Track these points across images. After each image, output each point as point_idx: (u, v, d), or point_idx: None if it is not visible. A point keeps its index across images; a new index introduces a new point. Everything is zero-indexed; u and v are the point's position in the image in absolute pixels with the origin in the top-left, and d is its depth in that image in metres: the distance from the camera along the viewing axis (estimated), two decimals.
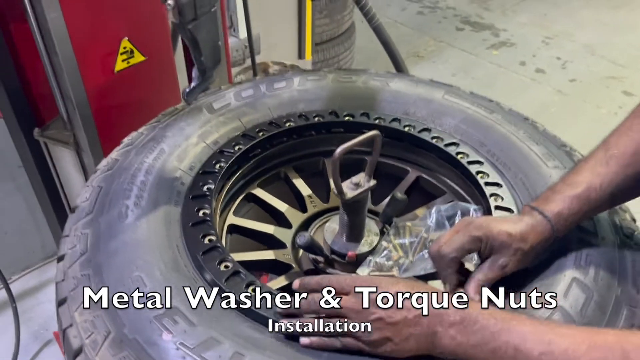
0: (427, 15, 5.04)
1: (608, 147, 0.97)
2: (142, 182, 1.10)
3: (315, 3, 3.17)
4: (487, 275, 0.92)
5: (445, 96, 1.38)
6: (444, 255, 0.94)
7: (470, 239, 0.92)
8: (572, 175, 0.98)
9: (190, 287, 0.92)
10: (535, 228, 0.93)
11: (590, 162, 0.98)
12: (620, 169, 0.95)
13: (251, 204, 1.33)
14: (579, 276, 0.94)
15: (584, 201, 0.94)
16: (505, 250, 0.92)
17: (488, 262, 0.93)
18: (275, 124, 1.30)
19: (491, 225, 0.93)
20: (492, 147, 1.25)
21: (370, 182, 1.09)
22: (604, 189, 0.94)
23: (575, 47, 4.50)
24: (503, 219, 0.98)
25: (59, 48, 1.33)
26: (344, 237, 1.16)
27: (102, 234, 1.01)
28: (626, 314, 0.91)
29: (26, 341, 2.27)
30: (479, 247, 0.93)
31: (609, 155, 0.96)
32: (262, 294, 0.90)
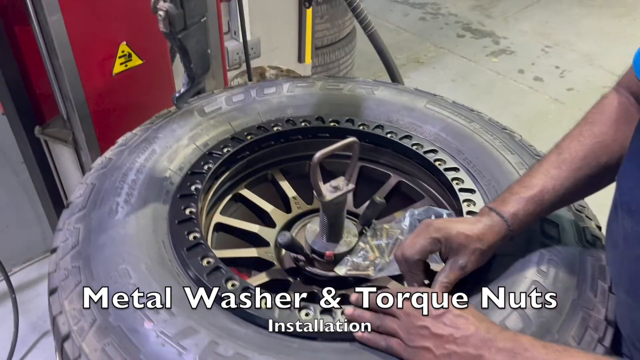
0: (429, 21, 5.10)
1: (560, 151, 1.04)
2: (133, 181, 1.17)
3: (317, 8, 3.23)
4: (449, 277, 0.97)
5: (427, 105, 1.44)
6: (407, 258, 0.99)
7: (430, 241, 0.97)
8: (527, 178, 1.04)
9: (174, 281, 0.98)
10: (492, 228, 0.99)
11: (544, 165, 1.04)
12: (571, 172, 1.02)
13: (238, 204, 1.39)
14: (539, 279, 1.00)
15: (538, 202, 1.01)
16: (463, 250, 0.97)
17: (449, 264, 0.98)
18: (264, 128, 1.36)
19: (449, 227, 0.98)
20: (469, 155, 1.31)
21: (349, 186, 1.15)
22: (556, 190, 1.01)
23: (575, 56, 4.54)
24: (462, 220, 1.04)
25: (59, 51, 1.40)
26: (323, 237, 1.22)
27: (93, 229, 1.07)
28: (582, 316, 0.96)
29: (25, 331, 2.34)
30: (439, 248, 0.99)
31: (561, 159, 1.03)
32: (241, 289, 0.96)
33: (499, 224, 0.99)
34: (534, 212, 1.01)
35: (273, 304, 0.94)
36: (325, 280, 1.22)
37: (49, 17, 1.37)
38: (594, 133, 1.03)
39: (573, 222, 1.14)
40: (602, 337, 0.95)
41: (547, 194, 1.01)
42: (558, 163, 1.03)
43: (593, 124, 1.05)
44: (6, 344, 2.26)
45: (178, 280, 0.99)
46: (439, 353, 0.83)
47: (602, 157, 1.01)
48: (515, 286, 0.99)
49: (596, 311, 0.98)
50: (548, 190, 1.01)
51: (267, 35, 2.89)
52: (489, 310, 0.95)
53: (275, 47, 3.01)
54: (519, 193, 1.02)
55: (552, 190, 1.01)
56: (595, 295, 1.00)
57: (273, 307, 0.94)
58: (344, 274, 1.18)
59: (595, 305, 0.99)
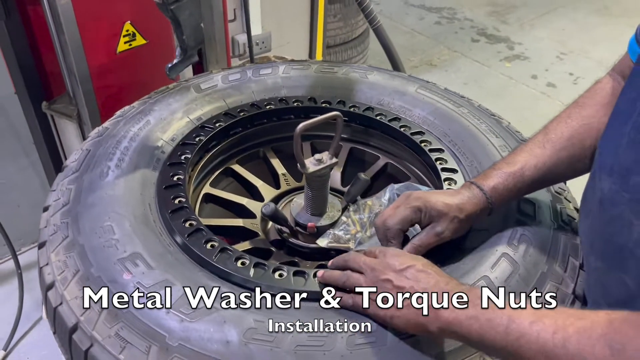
0: (444, 25, 5.12)
1: (547, 132, 1.07)
2: (126, 148, 1.22)
3: (330, 7, 3.27)
4: (423, 240, 1.00)
5: (418, 90, 1.47)
6: (389, 228, 1.02)
7: (410, 210, 1.01)
8: (511, 155, 1.08)
9: (156, 239, 1.03)
10: (471, 200, 1.02)
11: (530, 144, 1.07)
12: (555, 152, 1.04)
13: (230, 179, 1.44)
14: (509, 252, 1.03)
15: (518, 178, 1.03)
16: (442, 218, 1.00)
17: (425, 229, 1.02)
18: (257, 105, 1.41)
19: (429, 196, 1.02)
20: (454, 137, 1.33)
21: (333, 160, 1.19)
22: (538, 168, 1.04)
23: (589, 63, 4.52)
24: (442, 192, 1.07)
25: (66, 27, 1.46)
26: (308, 210, 1.25)
27: (83, 189, 1.12)
28: (549, 289, 0.99)
29: (29, 308, 2.40)
30: (420, 217, 1.02)
31: (547, 139, 1.06)
32: (219, 249, 1.00)
33: (478, 196, 1.02)
34: (514, 187, 1.03)
35: (249, 265, 0.98)
36: (307, 252, 1.25)
37: (58, 1, 1.44)
38: (581, 115, 1.05)
39: (550, 202, 1.16)
40: None
41: (527, 171, 1.03)
42: (543, 142, 1.05)
43: (582, 107, 1.07)
44: (10, 319, 2.33)
45: (160, 240, 1.04)
46: (400, 305, 0.86)
47: (586, 140, 1.03)
48: (485, 258, 1.02)
49: (564, 285, 1.00)
50: (529, 167, 1.03)
51: (279, 30, 2.93)
52: (458, 278, 0.97)
53: (286, 42, 3.06)
54: (501, 168, 1.05)
55: (534, 168, 1.03)
56: (565, 271, 1.03)
57: (248, 267, 0.98)
58: (325, 245, 1.21)
59: (564, 280, 1.01)
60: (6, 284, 2.54)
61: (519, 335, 0.74)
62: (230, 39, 2.04)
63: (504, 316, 0.76)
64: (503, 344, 0.75)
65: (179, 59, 1.25)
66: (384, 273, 0.88)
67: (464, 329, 0.79)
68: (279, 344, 0.86)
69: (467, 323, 0.79)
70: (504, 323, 0.76)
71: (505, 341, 0.75)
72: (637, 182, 0.77)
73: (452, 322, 0.80)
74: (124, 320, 0.89)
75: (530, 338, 0.73)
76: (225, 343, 0.85)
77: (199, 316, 0.89)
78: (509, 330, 0.75)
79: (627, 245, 0.79)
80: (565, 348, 0.69)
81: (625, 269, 0.81)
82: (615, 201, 0.82)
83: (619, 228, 0.81)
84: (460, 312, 0.80)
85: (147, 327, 0.87)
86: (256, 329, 0.87)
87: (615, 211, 0.82)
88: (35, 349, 2.29)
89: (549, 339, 0.71)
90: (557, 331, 0.71)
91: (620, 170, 0.82)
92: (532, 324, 0.73)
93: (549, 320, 0.73)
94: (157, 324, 0.88)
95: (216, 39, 1.82)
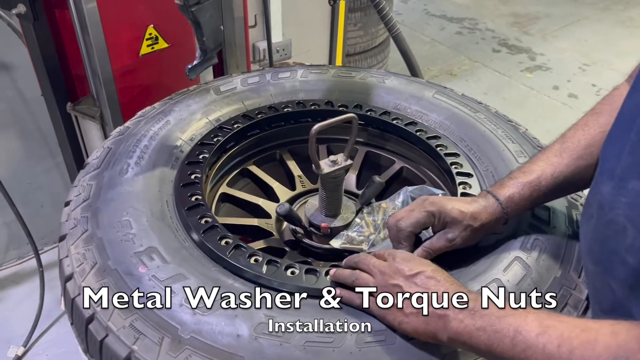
0: (465, 35, 5.12)
1: (564, 140, 1.06)
2: (145, 146, 1.25)
3: (350, 15, 3.30)
4: (434, 244, 1.01)
5: (435, 95, 1.48)
6: (401, 230, 1.02)
7: (425, 215, 1.01)
8: (527, 164, 1.07)
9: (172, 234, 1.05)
10: (486, 209, 1.02)
11: (546, 152, 1.06)
12: (572, 160, 1.03)
13: (246, 179, 1.46)
14: (522, 255, 1.02)
15: (534, 187, 1.03)
16: (456, 225, 1.00)
17: (437, 234, 1.02)
18: (274, 108, 1.43)
19: (445, 202, 1.02)
20: (470, 142, 1.33)
21: (347, 161, 1.20)
22: (554, 177, 1.03)
23: (613, 75, 4.47)
24: (457, 199, 1.07)
25: (91, 30, 1.50)
26: (322, 211, 1.27)
27: (103, 185, 1.15)
28: (561, 294, 0.98)
29: (49, 306, 2.44)
30: (433, 222, 1.02)
31: (564, 147, 1.04)
32: (233, 246, 1.02)
33: (493, 205, 1.02)
34: (530, 197, 1.03)
35: (262, 262, 1.00)
36: (320, 252, 1.26)
37: (84, 4, 1.49)
38: (599, 123, 1.04)
39: (566, 207, 1.15)
40: (581, 315, 0.96)
41: (544, 180, 1.02)
42: (560, 151, 1.04)
43: (600, 114, 1.05)
44: (31, 317, 2.37)
45: (176, 235, 1.06)
46: (408, 311, 0.86)
47: None
48: (497, 261, 1.02)
49: (578, 291, 1.00)
50: (546, 177, 1.02)
51: (299, 38, 2.96)
52: (470, 280, 0.98)
53: (306, 50, 3.09)
54: (517, 178, 1.04)
55: (550, 177, 1.02)
56: (579, 276, 1.02)
57: (261, 264, 0.99)
58: (339, 246, 1.22)
59: (577, 285, 1.00)
60: (28, 282, 2.60)
61: (525, 347, 0.74)
62: (250, 45, 2.07)
63: (511, 327, 0.76)
64: (510, 354, 0.76)
65: (199, 60, 1.28)
66: (393, 278, 0.89)
67: (473, 340, 0.80)
68: (289, 339, 0.87)
69: (475, 334, 0.79)
70: (511, 335, 0.76)
71: (512, 352, 0.75)
72: (635, 186, 0.77)
73: (461, 332, 0.81)
74: (139, 311, 0.91)
75: (537, 350, 0.73)
76: (236, 337, 0.87)
77: (211, 310, 0.90)
78: (516, 342, 0.75)
79: (619, 251, 0.79)
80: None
81: (613, 274, 0.81)
82: (613, 205, 0.81)
83: (614, 232, 0.80)
84: (468, 323, 0.80)
85: (160, 319, 0.89)
86: (266, 324, 0.88)
87: (611, 215, 0.82)
88: (53, 347, 2.33)
89: (554, 351, 0.71)
90: (562, 344, 0.71)
91: (620, 174, 0.82)
92: (538, 335, 0.74)
93: (555, 332, 0.73)
94: (170, 316, 0.89)
95: (236, 43, 1.85)
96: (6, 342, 2.33)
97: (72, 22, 1.57)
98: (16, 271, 2.66)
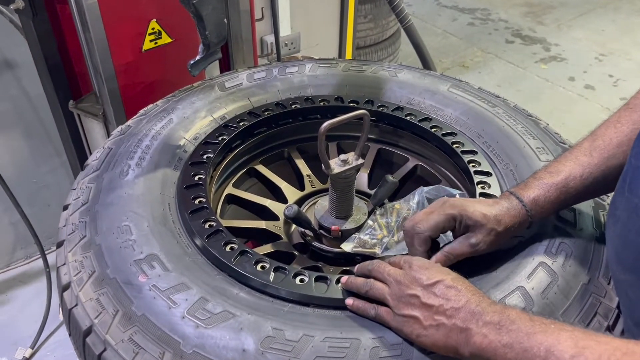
0: (477, 26, 5.01)
1: (595, 138, 0.98)
2: (147, 146, 1.19)
3: (360, 7, 3.22)
4: (456, 250, 0.94)
5: (451, 89, 1.41)
6: (419, 233, 0.95)
7: (445, 218, 0.94)
8: (555, 164, 0.99)
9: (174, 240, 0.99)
10: (510, 211, 0.95)
11: (575, 151, 0.98)
12: (603, 160, 0.95)
13: (253, 180, 1.40)
14: (546, 261, 0.95)
15: (561, 189, 0.95)
16: (479, 229, 0.93)
17: (460, 239, 0.95)
18: (282, 105, 1.36)
19: (466, 204, 0.95)
20: (488, 139, 1.26)
21: (359, 161, 1.13)
22: (584, 179, 0.95)
23: (630, 65, 4.36)
24: (479, 200, 1.00)
25: (92, 25, 1.45)
26: (332, 213, 1.20)
27: (103, 188, 1.10)
28: (591, 302, 0.91)
29: (57, 307, 2.41)
30: (454, 226, 0.95)
31: (594, 146, 0.97)
32: (238, 252, 0.96)
33: (517, 207, 0.95)
34: (557, 199, 0.96)
35: (269, 269, 0.94)
36: (331, 256, 1.20)
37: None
38: (632, 119, 0.96)
39: (592, 208, 1.08)
40: (612, 325, 0.90)
41: (572, 182, 0.95)
42: (590, 150, 0.97)
43: (633, 110, 0.97)
44: (38, 318, 2.35)
45: (178, 241, 1.00)
46: (427, 324, 0.80)
47: None
48: (521, 267, 0.95)
49: (608, 298, 0.93)
50: (574, 178, 0.95)
51: (308, 31, 2.90)
52: (491, 288, 0.91)
53: (315, 44, 3.02)
54: (543, 179, 0.97)
55: (579, 179, 0.95)
56: (608, 283, 0.95)
57: (268, 271, 0.94)
58: (350, 250, 1.16)
59: (607, 293, 0.93)
60: (36, 282, 2.57)
61: None
62: (257, 39, 2.01)
63: (542, 347, 0.69)
64: None
65: (202, 55, 1.22)
66: (410, 288, 0.83)
67: (499, 358, 0.73)
68: (298, 354, 0.81)
69: (501, 351, 0.73)
70: (542, 355, 0.69)
71: None
72: None
73: (485, 348, 0.74)
74: (138, 324, 0.85)
75: None
76: (242, 352, 0.81)
77: (215, 322, 0.84)
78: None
79: None
80: None
81: None
82: None
83: None
84: (494, 338, 0.74)
85: (161, 333, 0.84)
86: (274, 337, 0.83)
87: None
88: (60, 348, 2.30)
89: None
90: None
91: None
92: (573, 358, 0.66)
93: (592, 355, 0.65)
94: (172, 329, 0.84)
95: (243, 37, 1.79)
96: (14, 343, 2.30)
97: (73, 17, 1.52)
98: (24, 271, 2.64)
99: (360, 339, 0.83)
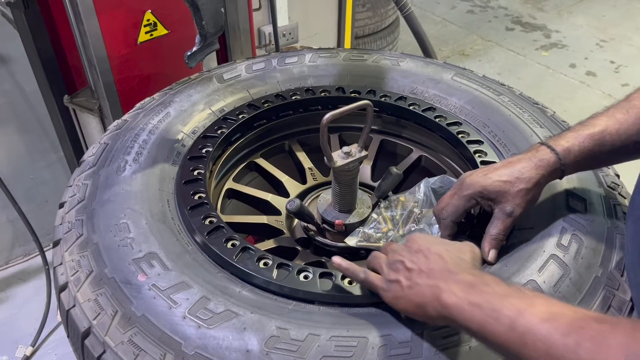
0: (477, 14, 4.96)
1: (631, 99, 0.95)
2: (144, 141, 1.16)
3: None
4: (498, 228, 0.92)
5: (454, 77, 1.37)
6: (442, 219, 0.98)
7: (465, 199, 0.94)
8: (590, 119, 0.96)
9: (173, 237, 0.96)
10: (536, 163, 0.92)
11: (611, 110, 0.95)
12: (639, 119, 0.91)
13: (254, 173, 1.37)
14: (558, 253, 0.93)
15: (597, 141, 0.92)
16: (505, 196, 0.91)
17: (495, 215, 0.93)
18: (282, 96, 1.33)
19: (482, 179, 0.93)
20: (494, 128, 1.23)
21: (362, 153, 1.10)
22: (620, 134, 0.91)
23: (632, 51, 4.31)
24: (498, 166, 0.96)
25: (84, 17, 1.41)
26: (335, 207, 1.17)
27: (99, 185, 1.07)
28: (604, 295, 0.88)
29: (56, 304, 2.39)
30: (476, 203, 0.95)
31: (631, 105, 0.93)
32: (240, 248, 0.93)
33: (546, 157, 0.92)
34: (591, 151, 0.92)
35: (272, 266, 0.91)
36: (335, 251, 1.17)
37: None
38: None
39: (603, 197, 1.05)
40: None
41: (608, 136, 0.91)
42: (626, 108, 0.93)
43: None
44: (39, 315, 2.32)
45: (178, 238, 0.97)
46: (405, 285, 0.79)
47: None
48: (531, 260, 0.92)
49: (621, 291, 0.90)
50: (610, 132, 0.91)
51: (306, 21, 2.86)
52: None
53: (314, 34, 2.98)
54: (577, 130, 0.94)
55: (615, 133, 0.91)
56: (622, 275, 0.92)
57: (271, 268, 0.91)
58: (354, 244, 1.13)
59: (620, 285, 0.91)
60: (35, 279, 2.54)
61: (524, 331, 0.64)
62: (255, 29, 1.97)
63: (513, 308, 0.66)
64: (505, 338, 0.66)
65: (199, 46, 1.18)
66: (400, 254, 0.82)
67: (466, 316, 0.70)
68: (304, 354, 0.78)
69: (469, 310, 0.70)
70: (511, 315, 0.66)
71: (507, 335, 0.66)
72: None
73: (451, 306, 0.72)
74: (138, 325, 0.83)
75: (537, 336, 0.63)
76: (245, 352, 0.78)
77: (217, 322, 0.82)
78: (515, 325, 0.65)
79: None
80: (577, 354, 0.59)
81: None
82: None
83: None
84: (462, 296, 0.71)
85: (162, 334, 0.81)
86: (279, 337, 0.80)
87: None
88: (61, 346, 2.28)
89: (558, 341, 0.61)
90: (570, 333, 0.61)
91: None
92: (543, 321, 0.63)
93: (564, 320, 0.63)
94: (173, 330, 0.81)
95: (240, 28, 1.75)
96: (14, 342, 2.28)
97: (65, 9, 1.48)
98: (23, 268, 2.61)
99: (367, 337, 0.81)
